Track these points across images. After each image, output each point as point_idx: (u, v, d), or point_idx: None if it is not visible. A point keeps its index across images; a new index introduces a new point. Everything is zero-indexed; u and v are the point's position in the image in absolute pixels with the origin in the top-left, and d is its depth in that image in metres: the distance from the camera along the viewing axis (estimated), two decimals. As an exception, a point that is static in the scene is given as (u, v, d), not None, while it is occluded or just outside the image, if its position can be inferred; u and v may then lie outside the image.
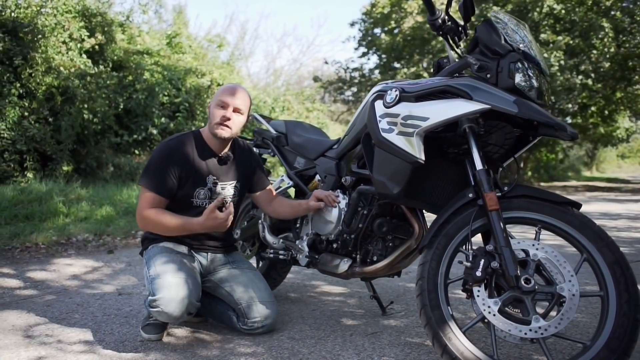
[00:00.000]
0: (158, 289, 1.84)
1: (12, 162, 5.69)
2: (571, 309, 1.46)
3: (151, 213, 1.96)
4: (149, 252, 2.05)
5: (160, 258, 1.96)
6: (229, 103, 2.02)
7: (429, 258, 1.64)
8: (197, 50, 9.99)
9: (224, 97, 2.03)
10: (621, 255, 1.49)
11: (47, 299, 2.59)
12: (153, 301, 1.84)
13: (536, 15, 13.39)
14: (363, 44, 16.98)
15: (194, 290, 1.90)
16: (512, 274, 1.48)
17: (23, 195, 4.89)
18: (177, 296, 1.83)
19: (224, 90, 2.06)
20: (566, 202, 1.59)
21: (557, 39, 12.73)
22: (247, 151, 2.23)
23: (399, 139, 1.71)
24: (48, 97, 6.17)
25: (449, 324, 1.56)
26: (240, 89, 2.08)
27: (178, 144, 2.02)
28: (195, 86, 8.63)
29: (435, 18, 1.75)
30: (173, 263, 1.93)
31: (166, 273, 1.88)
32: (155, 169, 1.97)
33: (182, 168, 1.99)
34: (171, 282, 1.85)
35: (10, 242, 3.89)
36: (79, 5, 7.47)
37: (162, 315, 1.86)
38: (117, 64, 7.84)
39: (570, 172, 28.98)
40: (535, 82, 1.63)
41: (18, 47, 5.87)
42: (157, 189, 1.96)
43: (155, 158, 1.99)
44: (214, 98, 2.06)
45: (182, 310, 1.85)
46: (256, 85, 16.06)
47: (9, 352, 1.86)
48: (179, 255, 2.01)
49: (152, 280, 1.89)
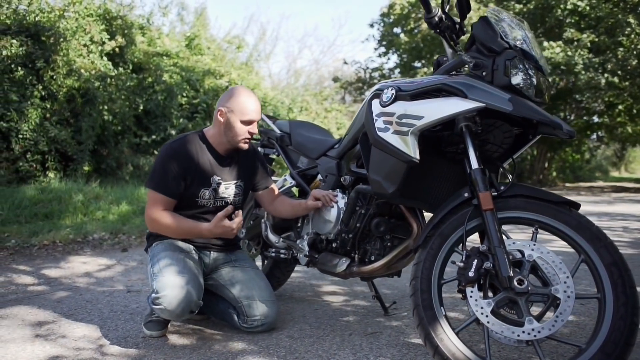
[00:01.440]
0: (161, 286, 1.87)
1: (34, 163, 5.85)
2: (566, 311, 1.43)
3: (160, 215, 1.99)
4: (154, 249, 2.08)
5: (163, 256, 1.99)
6: (254, 120, 2.05)
7: (423, 258, 1.62)
8: (216, 52, 10.10)
9: (253, 116, 2.03)
10: (620, 257, 1.45)
11: (58, 296, 2.66)
12: (156, 298, 1.87)
13: (559, 12, 13.13)
14: (383, 44, 16.92)
15: (196, 289, 1.92)
16: (504, 274, 1.46)
17: (43, 195, 5.03)
18: (180, 294, 1.86)
19: (249, 105, 2.02)
20: (564, 201, 1.56)
21: (581, 36, 12.45)
22: (251, 150, 2.25)
23: (394, 138, 1.70)
24: (69, 99, 6.32)
25: (441, 324, 1.54)
26: (258, 102, 2.08)
27: (182, 146, 2.04)
28: (214, 87, 8.73)
29: (431, 16, 1.73)
30: (176, 261, 1.96)
31: (169, 271, 1.91)
32: (161, 171, 1.99)
33: (187, 169, 2.01)
34: (174, 280, 1.88)
35: (29, 240, 4.00)
36: (100, 9, 7.65)
37: (164, 313, 1.89)
38: (137, 66, 7.98)
39: (597, 172, 28.30)
40: (532, 79, 1.60)
41: (40, 50, 6.03)
42: (164, 191, 1.99)
43: (160, 160, 2.01)
44: (238, 109, 2.01)
45: (184, 308, 1.87)
46: (276, 86, 16.17)
47: (16, 345, 1.91)
48: (182, 253, 2.03)
49: (155, 277, 1.92)
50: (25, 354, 1.83)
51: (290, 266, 2.62)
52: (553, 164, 24.15)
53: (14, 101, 5.64)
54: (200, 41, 9.80)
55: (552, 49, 12.34)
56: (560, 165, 25.80)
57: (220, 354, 1.84)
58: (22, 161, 5.74)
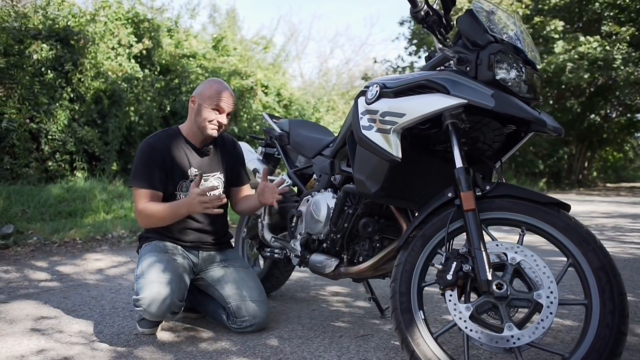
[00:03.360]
0: (141, 288, 1.88)
1: (62, 162, 6.05)
2: (548, 318, 1.35)
3: (145, 206, 2.01)
4: (142, 250, 2.10)
5: (148, 257, 2.00)
6: (225, 109, 2.06)
7: (404, 260, 1.57)
8: (243, 53, 10.19)
9: (222, 104, 2.05)
10: (609, 261, 1.37)
11: (66, 292, 2.73)
12: (136, 300, 1.89)
13: (597, 5, 12.64)
14: (414, 43, 16.71)
15: (177, 291, 1.91)
16: (483, 278, 1.40)
17: (68, 194, 5.19)
18: (159, 296, 1.86)
19: (219, 93, 2.06)
20: (552, 202, 1.48)
21: (620, 30, 11.95)
22: (231, 144, 2.27)
23: (377, 137, 1.65)
24: (96, 101, 6.50)
25: (419, 328, 1.49)
26: (232, 94, 2.11)
27: (157, 140, 2.09)
28: (239, 88, 8.81)
29: (417, 10, 1.67)
30: (159, 262, 1.96)
31: (150, 273, 1.92)
32: (142, 167, 2.03)
33: (164, 162, 2.05)
34: (154, 281, 1.88)
35: (50, 238, 4.13)
36: (130, 13, 7.85)
37: (145, 314, 1.90)
38: (165, 68, 8.14)
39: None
40: (520, 74, 1.52)
41: (69, 53, 6.23)
42: (147, 184, 2.01)
43: (139, 157, 2.05)
44: (206, 97, 2.06)
45: (164, 310, 1.87)
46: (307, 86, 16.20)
47: (13, 339, 1.97)
48: (167, 254, 2.03)
49: (137, 279, 1.93)
50: (20, 347, 1.88)
51: (289, 266, 2.60)
52: (594, 164, 23.28)
53: (44, 103, 5.85)
54: (227, 42, 9.91)
55: (589, 44, 11.90)
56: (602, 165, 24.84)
57: (205, 353, 1.84)
58: (51, 161, 5.95)
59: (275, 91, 10.05)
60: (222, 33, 10.10)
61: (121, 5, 7.87)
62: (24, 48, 5.87)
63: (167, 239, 2.12)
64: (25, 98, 5.71)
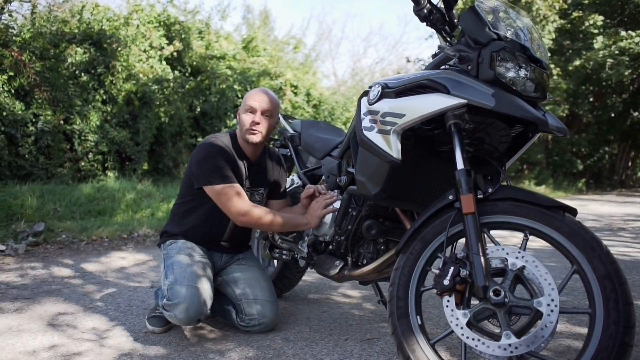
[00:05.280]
0: (174, 295, 1.89)
1: (95, 162, 6.23)
2: (547, 327, 1.30)
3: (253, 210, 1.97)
4: (168, 249, 2.10)
5: (178, 261, 2.00)
6: (257, 108, 2.05)
7: (402, 263, 1.54)
8: (273, 53, 10.26)
9: (251, 102, 2.05)
10: (615, 269, 1.30)
11: (86, 289, 2.81)
12: (167, 305, 1.91)
13: (640, -2, 12.11)
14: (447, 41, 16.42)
15: (207, 299, 1.93)
16: (479, 284, 1.35)
17: (99, 193, 5.34)
18: (191, 306, 1.87)
19: (251, 95, 2.08)
20: (557, 206, 1.41)
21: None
22: (277, 160, 2.28)
23: (378, 138, 1.63)
24: (127, 102, 6.67)
25: (415, 334, 1.46)
26: (266, 92, 2.10)
27: (223, 144, 2.05)
28: (268, 88, 8.88)
29: (420, 8, 1.64)
30: (190, 269, 1.96)
31: (184, 279, 1.91)
32: (216, 166, 1.97)
33: (229, 166, 2.02)
34: (187, 292, 1.88)
35: (78, 236, 4.26)
36: (162, 16, 8.02)
37: (173, 319, 1.92)
38: (195, 69, 8.29)
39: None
40: (524, 72, 1.47)
41: (102, 56, 6.41)
42: (233, 180, 1.99)
43: (208, 159, 1.99)
44: (243, 102, 2.10)
45: (193, 318, 1.90)
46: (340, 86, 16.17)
47: (29, 335, 2.03)
48: (197, 258, 2.04)
49: (170, 285, 1.93)
50: (34, 343, 1.95)
51: (300, 267, 2.59)
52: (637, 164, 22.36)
53: (77, 105, 6.05)
54: (257, 43, 10.00)
55: (631, 39, 11.41)
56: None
57: (208, 352, 1.85)
58: (84, 161, 6.14)
59: (304, 91, 10.07)
60: (252, 34, 10.19)
61: (153, 9, 8.06)
62: (60, 52, 6.08)
63: (191, 239, 2.12)
64: (60, 100, 5.91)
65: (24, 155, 5.53)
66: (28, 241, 3.90)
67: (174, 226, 2.16)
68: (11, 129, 5.39)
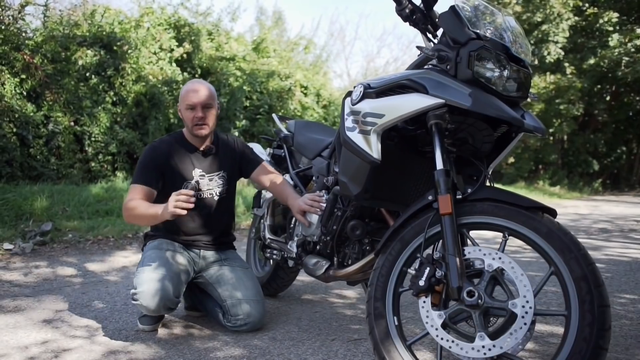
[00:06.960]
0: (139, 283, 1.95)
1: (104, 163, 6.33)
2: (522, 328, 1.29)
3: (130, 201, 2.01)
4: (146, 248, 2.17)
5: (150, 254, 2.07)
6: (196, 103, 2.08)
7: (381, 264, 1.54)
8: (283, 54, 10.29)
9: (189, 99, 2.09)
10: (592, 270, 1.28)
11: (86, 287, 2.86)
12: (134, 294, 1.95)
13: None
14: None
15: (173, 287, 1.96)
16: (453, 285, 1.34)
17: (107, 193, 5.42)
18: (154, 290, 1.92)
19: (187, 91, 2.10)
20: (535, 206, 1.40)
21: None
22: (230, 140, 2.31)
23: (359, 138, 1.63)
24: (137, 103, 6.76)
25: (391, 336, 1.45)
26: (200, 84, 2.12)
27: (161, 144, 2.16)
28: (277, 89, 8.91)
29: (402, 8, 1.64)
30: (158, 259, 2.03)
31: (148, 268, 1.98)
32: (142, 167, 2.09)
33: (166, 165, 2.10)
34: (151, 277, 1.94)
35: (85, 235, 4.33)
36: (172, 18, 8.11)
37: (142, 308, 1.96)
38: (205, 70, 8.36)
39: None
40: (502, 72, 1.45)
41: (111, 59, 6.51)
42: (142, 181, 2.06)
43: (141, 159, 2.12)
44: (180, 101, 2.13)
45: (159, 305, 1.93)
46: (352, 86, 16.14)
47: (24, 331, 2.08)
48: (168, 252, 2.09)
49: (136, 274, 2.00)
50: (28, 339, 1.99)
51: (293, 268, 2.59)
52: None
53: (88, 107, 6.15)
54: (267, 44, 10.03)
55: (648, 37, 11.18)
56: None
57: (195, 351, 1.87)
58: (94, 162, 6.24)
59: (314, 91, 10.08)
60: (262, 35, 10.24)
61: (164, 11, 8.15)
62: (70, 55, 6.18)
63: (170, 237, 2.18)
64: (70, 102, 6.02)
65: (36, 156, 5.64)
66: (35, 240, 3.98)
67: (153, 227, 2.23)
68: (23, 130, 5.51)
